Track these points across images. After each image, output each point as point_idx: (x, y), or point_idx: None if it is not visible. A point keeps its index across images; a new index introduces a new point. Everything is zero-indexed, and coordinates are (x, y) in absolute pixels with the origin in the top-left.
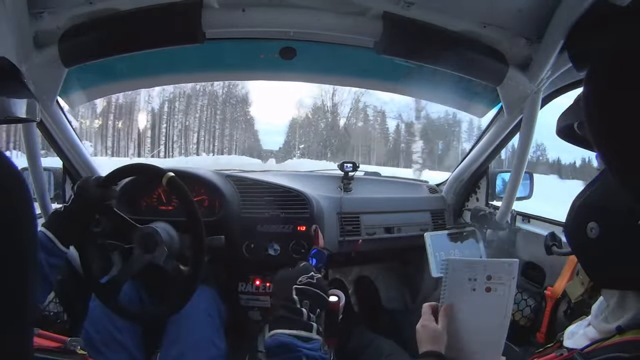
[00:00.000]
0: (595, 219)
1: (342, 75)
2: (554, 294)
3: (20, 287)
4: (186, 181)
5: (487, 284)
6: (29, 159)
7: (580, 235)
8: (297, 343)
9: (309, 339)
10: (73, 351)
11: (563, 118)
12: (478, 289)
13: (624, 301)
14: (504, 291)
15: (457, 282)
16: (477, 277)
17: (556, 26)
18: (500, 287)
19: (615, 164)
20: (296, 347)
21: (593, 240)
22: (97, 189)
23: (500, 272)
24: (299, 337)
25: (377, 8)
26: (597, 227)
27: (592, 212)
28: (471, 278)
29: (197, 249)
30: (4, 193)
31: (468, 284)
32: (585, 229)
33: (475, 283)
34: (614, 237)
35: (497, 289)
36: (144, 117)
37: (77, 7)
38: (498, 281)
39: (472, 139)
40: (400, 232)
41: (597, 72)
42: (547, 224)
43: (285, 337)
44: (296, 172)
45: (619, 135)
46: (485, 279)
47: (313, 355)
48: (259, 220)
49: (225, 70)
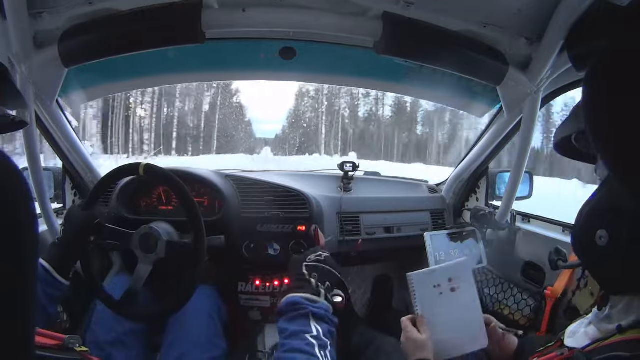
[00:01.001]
0: (604, 227)
1: (342, 75)
2: (554, 294)
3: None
4: (186, 181)
5: (450, 285)
6: (29, 158)
7: (590, 243)
8: (305, 302)
9: (316, 301)
10: (72, 349)
11: (560, 131)
12: (445, 292)
13: (631, 304)
14: (467, 287)
15: (425, 292)
16: (440, 283)
17: (556, 26)
18: (463, 284)
19: (618, 167)
20: (303, 305)
21: (602, 248)
22: (83, 213)
23: (458, 272)
24: (307, 298)
25: (377, 8)
26: (607, 234)
27: (600, 220)
28: (435, 285)
29: (197, 248)
30: (4, 193)
31: (434, 290)
32: (594, 237)
33: (440, 288)
34: (624, 244)
35: (460, 286)
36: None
37: (76, 8)
38: (458, 280)
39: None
40: (400, 232)
41: (596, 73)
42: (547, 223)
43: (295, 297)
44: (296, 172)
45: (620, 137)
46: (448, 282)
47: (319, 312)
48: (259, 220)
49: (225, 70)
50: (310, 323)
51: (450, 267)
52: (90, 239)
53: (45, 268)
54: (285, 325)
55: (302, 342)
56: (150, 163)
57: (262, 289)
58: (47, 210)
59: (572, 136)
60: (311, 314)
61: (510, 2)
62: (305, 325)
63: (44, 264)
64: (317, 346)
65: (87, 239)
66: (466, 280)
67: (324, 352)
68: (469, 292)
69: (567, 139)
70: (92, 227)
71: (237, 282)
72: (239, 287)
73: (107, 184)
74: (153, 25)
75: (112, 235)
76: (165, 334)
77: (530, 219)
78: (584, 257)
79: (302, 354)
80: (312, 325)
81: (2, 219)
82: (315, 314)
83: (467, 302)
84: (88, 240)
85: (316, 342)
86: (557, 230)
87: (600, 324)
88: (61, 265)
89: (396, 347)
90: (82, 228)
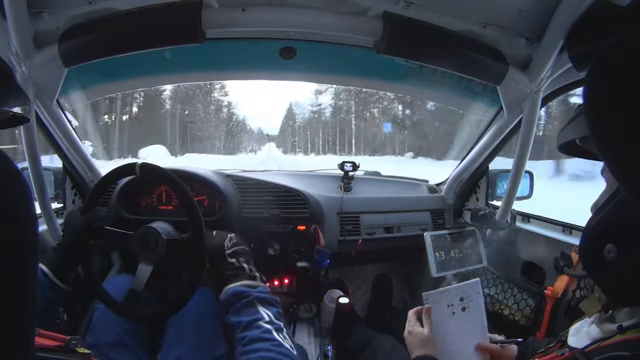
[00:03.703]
0: (612, 241)
1: (342, 75)
2: (554, 294)
3: (21, 287)
4: (186, 181)
5: (461, 304)
6: (29, 158)
7: (598, 258)
8: (246, 290)
9: (255, 285)
10: (74, 350)
11: (564, 134)
12: (457, 312)
13: (637, 310)
14: (476, 306)
15: (440, 312)
16: (453, 302)
17: (556, 26)
18: (472, 303)
19: (619, 169)
20: (246, 292)
21: (611, 262)
22: (82, 217)
23: (469, 292)
24: (247, 285)
25: (377, 8)
26: (615, 249)
27: (608, 234)
28: (449, 304)
29: (196, 248)
30: (4, 192)
31: (448, 309)
32: (602, 251)
33: (453, 307)
34: (634, 259)
35: (469, 306)
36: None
37: (76, 7)
38: (469, 299)
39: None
40: (400, 232)
41: (596, 73)
42: (547, 223)
43: (235, 287)
44: (296, 172)
45: (620, 138)
46: (459, 301)
47: (262, 296)
48: (259, 220)
49: (225, 70)
50: (259, 309)
51: (462, 287)
52: (91, 242)
53: (45, 272)
54: (236, 318)
55: (258, 330)
56: (146, 162)
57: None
58: (47, 210)
59: (577, 139)
60: (256, 299)
61: (510, 2)
62: (255, 313)
63: (43, 269)
64: (273, 330)
65: (87, 242)
66: (475, 300)
67: (282, 334)
68: (478, 311)
69: (572, 142)
70: (91, 230)
71: None
72: None
73: (105, 186)
74: (153, 25)
75: (112, 237)
76: (165, 335)
77: (530, 219)
78: (592, 271)
79: (263, 342)
80: (261, 311)
81: (2, 218)
82: (260, 298)
83: (477, 321)
84: (88, 243)
85: (271, 327)
86: (557, 230)
87: (602, 324)
88: (61, 270)
89: (395, 347)
90: (81, 231)
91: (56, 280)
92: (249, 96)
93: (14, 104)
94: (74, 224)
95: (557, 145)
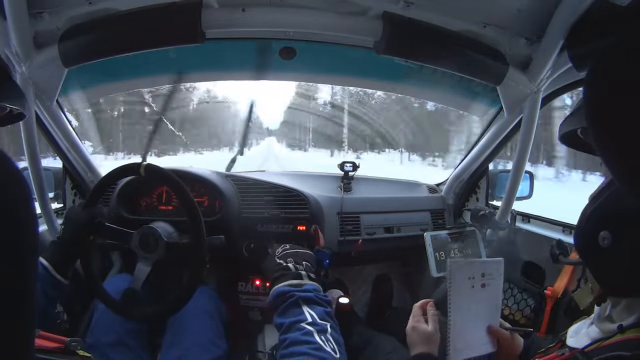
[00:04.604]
0: (607, 228)
1: (342, 75)
2: (554, 294)
3: (21, 288)
4: (186, 181)
5: (481, 280)
6: (29, 158)
7: (592, 244)
8: (291, 289)
9: (301, 284)
10: (74, 352)
11: (565, 125)
12: (476, 286)
13: (632, 304)
14: (495, 285)
15: (460, 281)
16: (474, 276)
17: (556, 26)
18: (492, 282)
19: (618, 167)
20: (290, 292)
21: (605, 249)
22: (83, 212)
23: (491, 270)
24: (291, 285)
25: (377, 8)
26: (610, 236)
27: (604, 221)
28: (470, 276)
29: (197, 248)
30: (4, 192)
31: (468, 282)
32: (597, 238)
33: (473, 281)
34: (627, 246)
35: (489, 284)
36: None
37: (76, 7)
38: (489, 277)
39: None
40: (400, 232)
41: (596, 73)
42: (547, 223)
43: (279, 287)
44: (296, 172)
45: (620, 137)
46: (481, 277)
47: (307, 295)
48: (259, 220)
49: (225, 70)
50: (303, 309)
51: (486, 263)
52: (90, 237)
53: (45, 266)
54: (280, 320)
55: (298, 332)
56: (151, 163)
57: (262, 289)
58: (47, 210)
59: (578, 130)
60: (300, 299)
61: (510, 2)
62: (299, 314)
63: (43, 262)
64: (315, 332)
65: (87, 237)
66: (496, 279)
67: (324, 336)
68: (496, 291)
69: (573, 132)
70: (92, 225)
71: (237, 282)
72: (239, 287)
73: (108, 183)
74: (153, 25)
75: (112, 235)
76: (165, 334)
77: (530, 219)
78: (586, 258)
79: (302, 345)
80: (305, 312)
81: (2, 218)
82: (305, 297)
83: (493, 300)
84: (88, 239)
85: (313, 329)
86: (557, 230)
87: (601, 324)
88: (61, 264)
89: (395, 347)
90: (82, 226)
91: (56, 274)
92: (250, 88)
93: (13, 103)
94: (75, 219)
95: (558, 136)
